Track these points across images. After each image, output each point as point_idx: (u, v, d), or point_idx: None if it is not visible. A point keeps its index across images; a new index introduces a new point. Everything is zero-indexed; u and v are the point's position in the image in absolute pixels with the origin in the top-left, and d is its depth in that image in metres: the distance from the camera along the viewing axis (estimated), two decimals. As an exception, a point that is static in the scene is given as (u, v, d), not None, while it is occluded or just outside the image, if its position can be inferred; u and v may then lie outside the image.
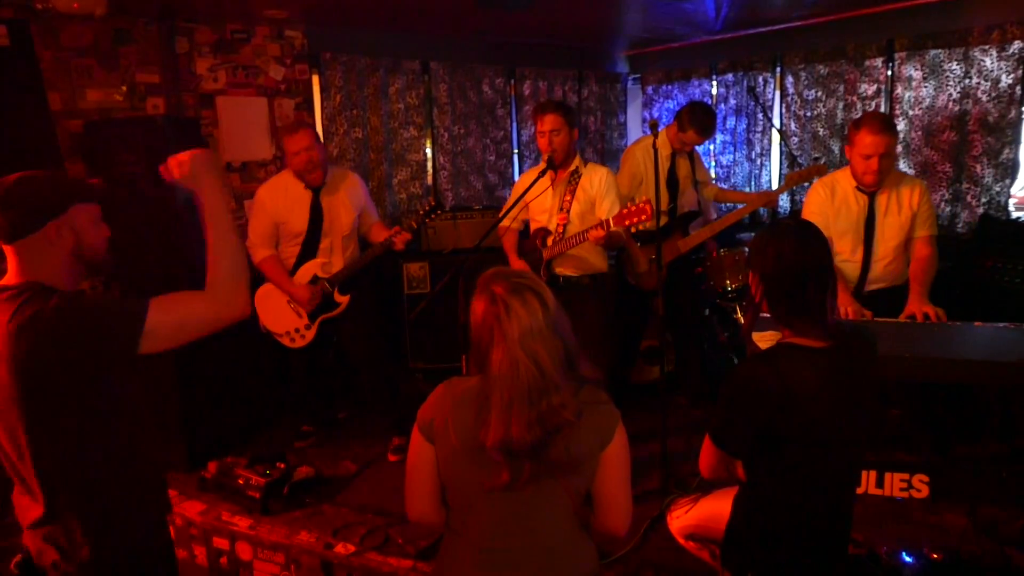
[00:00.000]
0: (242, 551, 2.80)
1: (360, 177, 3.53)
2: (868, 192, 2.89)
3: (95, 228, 1.58)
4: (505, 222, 3.25)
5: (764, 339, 2.23)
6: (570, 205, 3.16)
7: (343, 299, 3.34)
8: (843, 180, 2.96)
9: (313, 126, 3.33)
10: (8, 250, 1.50)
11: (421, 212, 3.30)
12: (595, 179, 3.17)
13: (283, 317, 3.36)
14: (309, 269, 3.33)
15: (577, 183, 3.17)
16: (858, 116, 4.48)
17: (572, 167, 3.18)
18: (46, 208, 1.49)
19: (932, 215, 2.93)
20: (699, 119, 3.57)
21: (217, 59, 4.07)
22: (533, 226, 3.33)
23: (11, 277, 1.51)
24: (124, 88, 3.73)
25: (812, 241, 1.62)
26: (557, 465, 1.42)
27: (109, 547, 1.53)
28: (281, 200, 3.28)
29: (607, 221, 2.86)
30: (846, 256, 2.96)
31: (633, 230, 2.85)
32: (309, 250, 3.33)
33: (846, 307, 2.71)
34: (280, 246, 3.36)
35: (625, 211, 2.82)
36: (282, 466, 3.03)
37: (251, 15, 4.04)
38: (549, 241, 3.21)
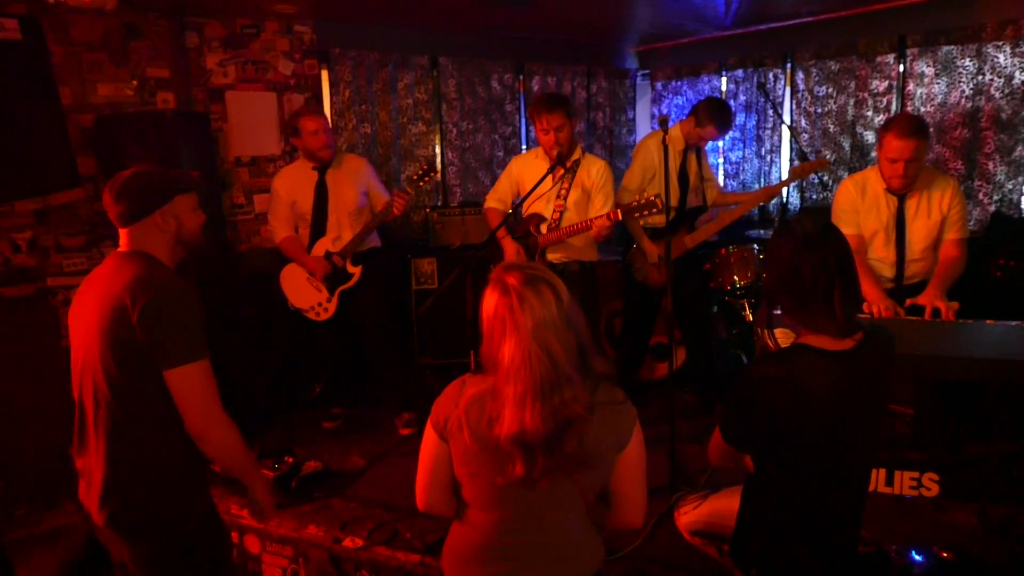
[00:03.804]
0: (251, 544, 2.82)
1: (367, 161, 3.74)
2: (898, 194, 2.83)
3: (193, 215, 1.84)
4: (495, 204, 3.42)
5: (783, 335, 2.20)
6: (567, 193, 3.22)
7: (355, 270, 3.57)
8: (874, 179, 2.90)
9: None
10: (122, 232, 1.77)
11: (415, 177, 3.48)
12: (593, 170, 3.24)
13: (305, 294, 3.62)
14: (322, 245, 3.57)
15: (575, 172, 3.22)
16: (869, 113, 4.51)
17: (574, 157, 3.23)
18: (154, 198, 1.75)
19: (963, 217, 2.85)
20: (719, 115, 3.54)
21: (227, 54, 4.08)
22: (527, 210, 3.35)
23: (124, 247, 1.77)
24: (134, 83, 3.74)
25: (828, 243, 1.56)
26: (571, 460, 1.40)
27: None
28: (291, 183, 3.57)
29: (615, 211, 2.93)
30: (878, 255, 2.93)
31: (643, 222, 2.87)
32: (319, 226, 3.58)
33: (878, 304, 2.65)
34: (299, 230, 3.63)
35: (634, 203, 2.89)
36: (290, 460, 3.04)
37: (260, 10, 4.04)
38: (544, 228, 3.23)
